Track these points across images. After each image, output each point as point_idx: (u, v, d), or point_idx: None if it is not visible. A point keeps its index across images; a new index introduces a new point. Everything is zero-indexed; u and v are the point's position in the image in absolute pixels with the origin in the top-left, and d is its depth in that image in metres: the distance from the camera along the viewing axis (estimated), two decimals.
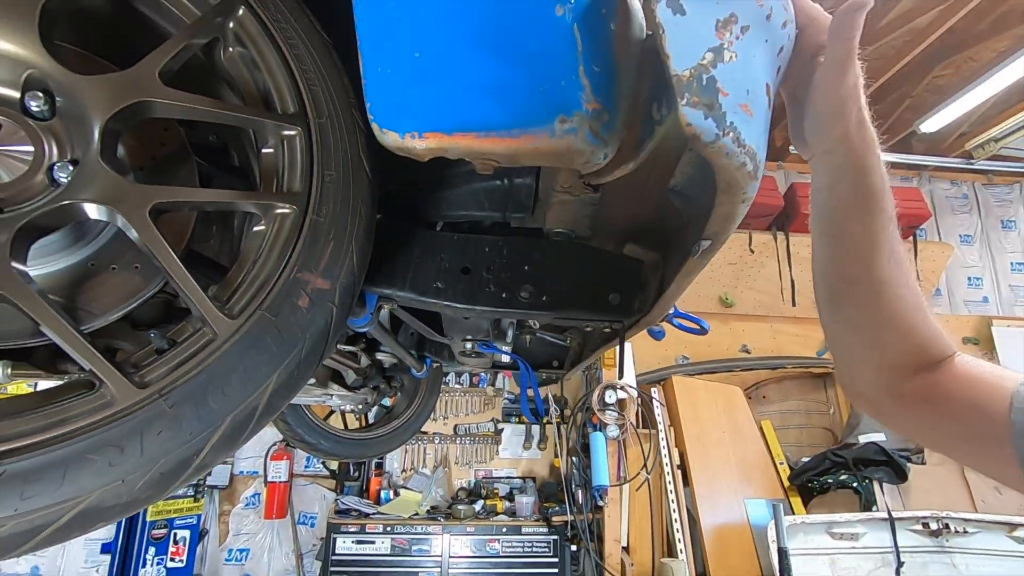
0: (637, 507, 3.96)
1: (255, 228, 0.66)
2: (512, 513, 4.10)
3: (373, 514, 4.00)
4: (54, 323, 0.52)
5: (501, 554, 3.84)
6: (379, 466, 4.57)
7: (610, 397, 3.89)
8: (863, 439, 4.21)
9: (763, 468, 4.36)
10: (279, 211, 0.65)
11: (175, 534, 3.29)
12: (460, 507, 4.06)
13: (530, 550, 3.86)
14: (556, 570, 3.79)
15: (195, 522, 3.42)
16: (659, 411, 4.13)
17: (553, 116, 0.50)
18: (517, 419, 4.72)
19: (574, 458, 4.17)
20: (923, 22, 3.99)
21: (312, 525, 4.51)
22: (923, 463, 4.09)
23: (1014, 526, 3.60)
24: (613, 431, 3.88)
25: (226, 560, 4.31)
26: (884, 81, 4.55)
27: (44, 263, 0.67)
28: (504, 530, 3.90)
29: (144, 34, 0.70)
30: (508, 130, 0.51)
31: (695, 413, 4.32)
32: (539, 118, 0.51)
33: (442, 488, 4.42)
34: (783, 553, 2.54)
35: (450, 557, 3.81)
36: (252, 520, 4.45)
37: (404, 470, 4.65)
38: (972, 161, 5.44)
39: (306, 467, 4.53)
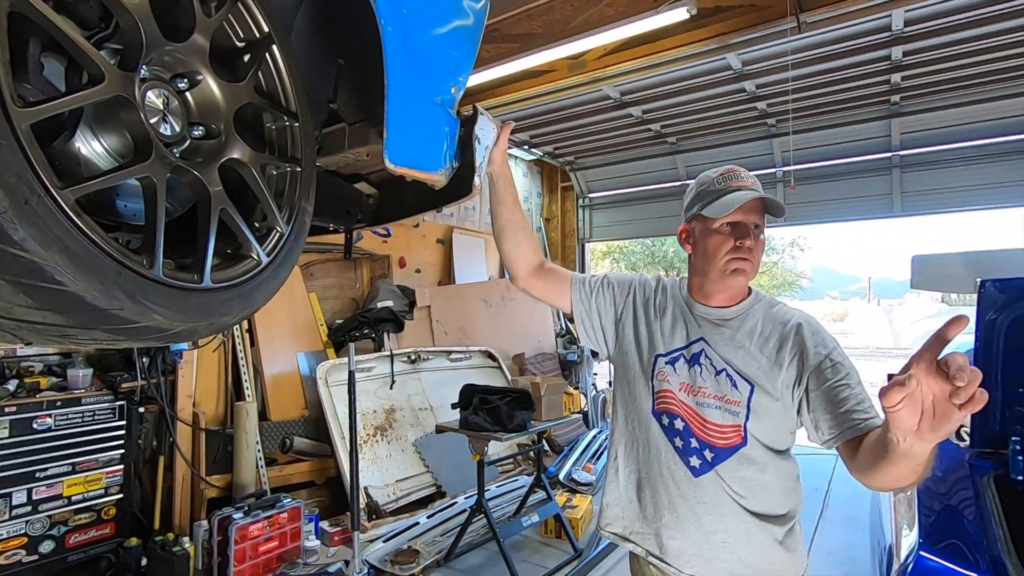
0: (205, 367, 4.51)
1: (275, 173, 1.23)
2: (63, 388, 3.89)
3: None
4: (234, 220, 1.06)
5: (54, 428, 3.70)
6: None
7: None
8: (380, 305, 5.98)
9: (310, 329, 5.57)
10: (289, 168, 1.25)
11: None
12: None
13: (91, 418, 3.87)
14: (124, 432, 3.97)
15: None
16: None
17: (442, 166, 1.40)
18: None
19: None
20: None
21: None
22: (412, 319, 6.20)
23: (449, 352, 6.11)
24: None
25: None
26: None
27: None
28: (58, 404, 3.73)
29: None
30: (428, 171, 1.35)
31: None
32: (436, 167, 1.38)
33: None
34: (352, 374, 3.80)
35: None
36: None
37: None
38: None
39: None
